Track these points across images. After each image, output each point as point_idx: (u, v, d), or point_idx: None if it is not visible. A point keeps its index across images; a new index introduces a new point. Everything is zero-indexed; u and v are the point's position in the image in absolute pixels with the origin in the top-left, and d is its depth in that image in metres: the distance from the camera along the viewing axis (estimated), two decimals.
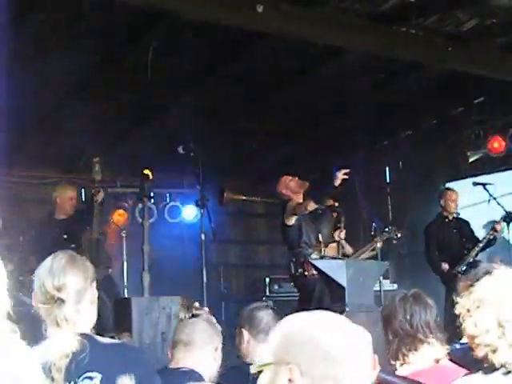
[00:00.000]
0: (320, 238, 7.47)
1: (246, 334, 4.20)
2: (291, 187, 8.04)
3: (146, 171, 6.86)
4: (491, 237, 8.72)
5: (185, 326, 3.81)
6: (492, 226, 8.78)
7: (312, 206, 7.59)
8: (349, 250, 8.48)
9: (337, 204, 7.98)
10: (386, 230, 8.48)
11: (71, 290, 2.87)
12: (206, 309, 4.07)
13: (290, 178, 8.15)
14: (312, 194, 7.67)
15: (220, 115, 9.62)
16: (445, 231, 9.10)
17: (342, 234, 8.09)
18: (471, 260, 8.65)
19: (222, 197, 8.39)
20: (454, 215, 9.17)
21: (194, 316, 3.81)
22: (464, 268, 8.55)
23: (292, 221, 7.80)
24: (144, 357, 3.16)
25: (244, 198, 8.65)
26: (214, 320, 3.89)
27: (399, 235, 8.47)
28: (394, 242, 8.56)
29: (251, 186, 11.18)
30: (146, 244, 6.27)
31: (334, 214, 8.05)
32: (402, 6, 7.08)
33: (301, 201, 7.82)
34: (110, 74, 8.23)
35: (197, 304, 3.97)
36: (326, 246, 7.64)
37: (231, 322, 3.77)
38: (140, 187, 6.68)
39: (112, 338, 3.56)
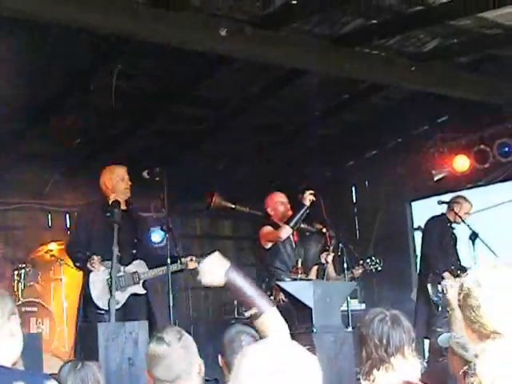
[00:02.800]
0: (299, 264, 7.25)
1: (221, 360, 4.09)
2: (279, 212, 7.73)
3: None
4: None
5: (160, 360, 3.32)
6: None
7: (287, 231, 7.40)
8: (331, 273, 8.38)
9: (324, 230, 7.75)
10: (368, 260, 8.33)
11: None
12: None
13: (283, 200, 7.80)
14: (286, 220, 7.51)
15: (185, 138, 9.62)
16: (444, 232, 8.46)
17: (329, 258, 7.92)
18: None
19: (211, 200, 7.96)
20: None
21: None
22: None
23: (269, 244, 7.65)
24: None
25: (233, 206, 8.21)
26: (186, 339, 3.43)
27: (380, 269, 8.23)
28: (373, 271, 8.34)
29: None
30: (114, 269, 6.21)
31: (325, 238, 7.80)
32: (364, 27, 7.15)
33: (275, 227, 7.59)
34: (74, 99, 8.20)
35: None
36: (310, 270, 7.54)
37: (201, 345, 3.66)
38: (110, 213, 6.59)
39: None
